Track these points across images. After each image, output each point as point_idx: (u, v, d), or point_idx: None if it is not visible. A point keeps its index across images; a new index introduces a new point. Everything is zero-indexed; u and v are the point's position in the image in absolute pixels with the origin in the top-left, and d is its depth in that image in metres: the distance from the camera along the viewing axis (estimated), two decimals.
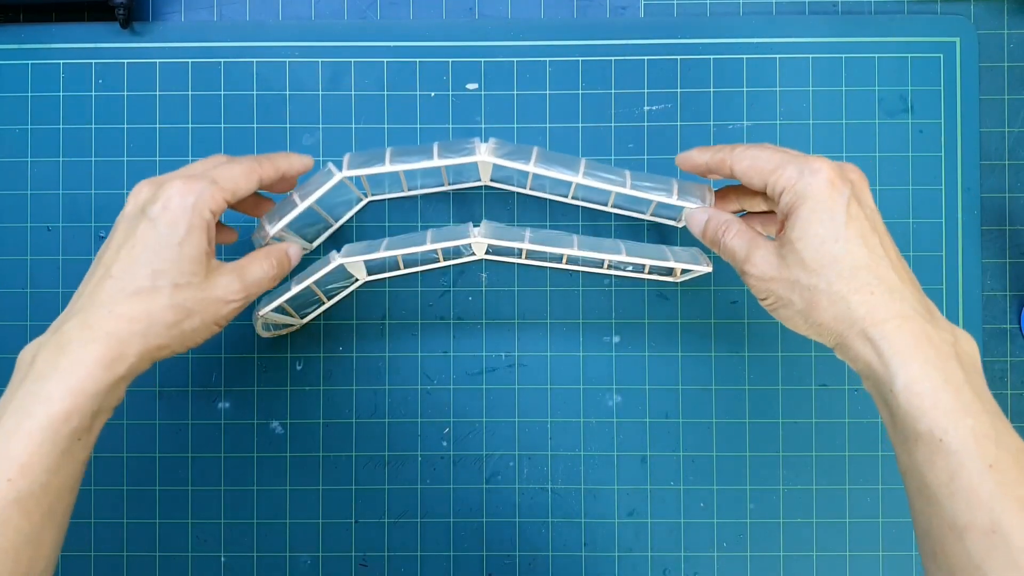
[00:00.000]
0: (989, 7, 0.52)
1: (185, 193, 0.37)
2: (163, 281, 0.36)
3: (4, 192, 0.51)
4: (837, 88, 0.51)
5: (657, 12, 0.52)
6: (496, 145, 0.43)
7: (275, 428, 0.51)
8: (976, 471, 0.31)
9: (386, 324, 0.51)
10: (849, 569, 0.51)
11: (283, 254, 0.42)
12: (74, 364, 0.34)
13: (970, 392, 0.32)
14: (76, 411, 0.33)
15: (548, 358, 0.51)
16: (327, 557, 0.51)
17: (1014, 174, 0.52)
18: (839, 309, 0.35)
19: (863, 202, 0.36)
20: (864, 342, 0.34)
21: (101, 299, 0.35)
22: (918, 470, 0.32)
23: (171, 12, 0.52)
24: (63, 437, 0.33)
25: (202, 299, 0.37)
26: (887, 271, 0.35)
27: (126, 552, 0.51)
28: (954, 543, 0.31)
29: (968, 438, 0.31)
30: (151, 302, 0.36)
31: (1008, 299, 0.52)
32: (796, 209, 0.36)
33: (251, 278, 0.40)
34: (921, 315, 0.34)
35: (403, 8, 0.52)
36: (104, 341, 0.34)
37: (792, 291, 0.36)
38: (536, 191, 0.51)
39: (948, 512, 0.31)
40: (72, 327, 0.35)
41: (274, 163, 0.42)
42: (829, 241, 0.35)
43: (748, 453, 0.51)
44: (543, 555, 0.51)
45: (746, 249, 0.39)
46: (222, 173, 0.39)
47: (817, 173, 0.36)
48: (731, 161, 0.39)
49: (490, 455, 0.51)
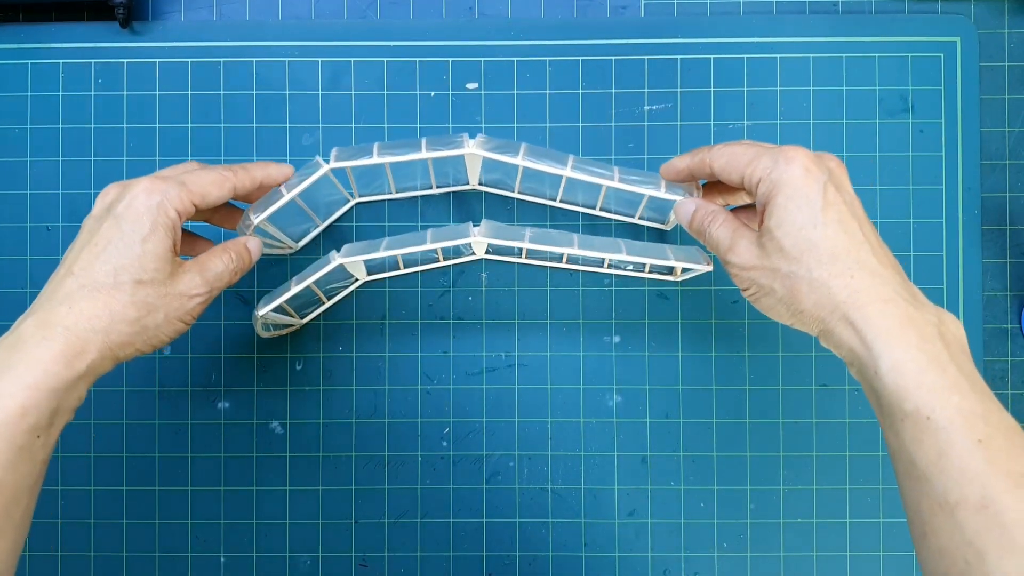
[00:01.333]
0: (989, 7, 0.52)
1: (151, 192, 0.37)
2: (125, 277, 0.36)
3: (4, 192, 0.51)
4: (837, 88, 0.51)
5: (657, 12, 0.52)
6: (484, 139, 0.43)
7: (275, 428, 0.51)
8: (965, 447, 0.31)
9: (386, 324, 0.51)
10: (849, 569, 0.51)
11: (242, 247, 0.42)
12: (30, 360, 0.33)
13: (956, 370, 0.32)
14: (33, 407, 0.33)
15: (548, 358, 0.51)
16: (327, 557, 0.51)
17: (1014, 174, 0.52)
18: (820, 295, 0.35)
19: (841, 188, 0.36)
20: (847, 327, 0.34)
21: (60, 296, 0.35)
22: (906, 450, 0.32)
23: (171, 12, 0.52)
24: (20, 433, 0.32)
25: (164, 295, 0.37)
26: (867, 255, 0.35)
27: (126, 552, 0.51)
28: (945, 520, 0.31)
29: (955, 415, 0.31)
30: (112, 299, 0.35)
31: (1008, 299, 0.52)
32: (773, 197, 0.36)
33: (212, 272, 0.40)
34: (903, 297, 0.34)
35: (403, 8, 0.52)
36: (63, 337, 0.34)
37: (773, 279, 0.36)
38: (525, 194, 0.51)
39: (938, 489, 0.31)
40: (29, 325, 0.34)
41: (250, 173, 0.42)
42: (807, 227, 0.35)
43: (748, 453, 0.51)
44: (543, 555, 0.51)
45: (730, 239, 0.39)
46: (192, 177, 0.39)
47: (792, 161, 0.36)
48: (710, 160, 0.39)
49: (490, 455, 0.51)
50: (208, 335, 0.51)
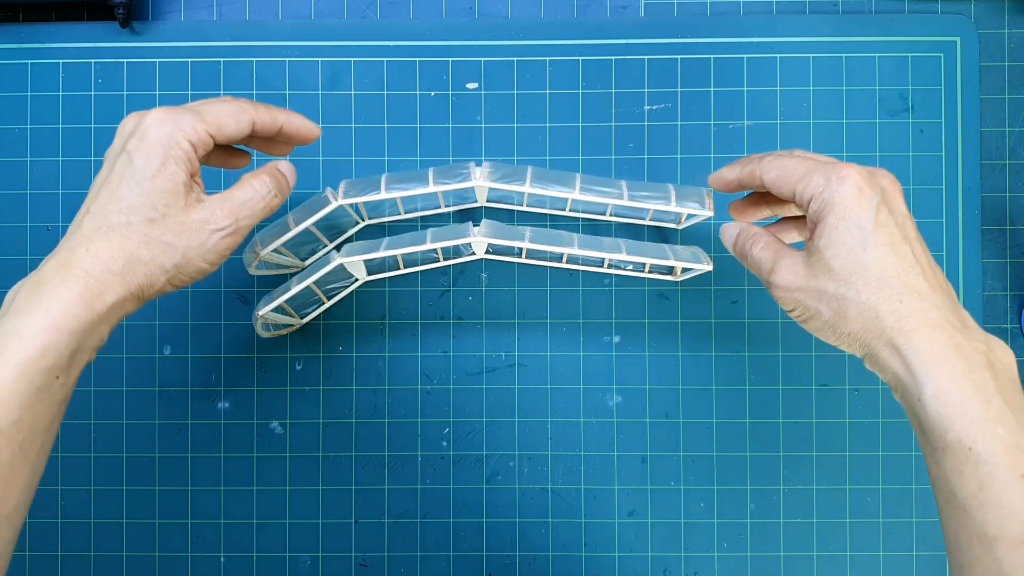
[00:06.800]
0: (990, 7, 0.52)
1: (163, 123, 0.35)
2: (136, 217, 0.35)
3: (4, 192, 0.51)
4: (838, 88, 0.51)
5: (657, 11, 0.52)
6: (491, 169, 0.43)
7: (275, 428, 0.51)
8: (1006, 481, 0.30)
9: (386, 324, 0.51)
10: (849, 569, 0.51)
11: (273, 170, 0.39)
12: (51, 301, 0.33)
13: (1001, 401, 0.32)
14: (52, 347, 0.33)
15: (548, 358, 0.51)
16: (327, 557, 0.51)
17: (1015, 174, 0.52)
18: (867, 319, 0.34)
19: (894, 209, 0.35)
20: (892, 352, 0.34)
21: (79, 237, 0.35)
22: (947, 480, 0.32)
23: (171, 12, 0.52)
24: (38, 373, 0.32)
25: (182, 231, 0.36)
26: (917, 279, 0.34)
27: (126, 552, 0.51)
28: (983, 554, 0.30)
29: (998, 448, 0.31)
30: (126, 239, 0.35)
31: (1008, 299, 0.52)
32: (824, 217, 0.35)
33: (236, 201, 0.37)
34: (952, 324, 0.33)
35: (403, 8, 0.52)
36: (82, 279, 0.34)
37: (820, 301, 0.36)
38: (534, 207, 0.51)
39: (977, 522, 0.31)
40: (51, 267, 0.34)
41: (273, 115, 0.39)
42: (857, 249, 0.34)
43: (748, 453, 0.51)
44: (543, 555, 0.51)
45: (772, 261, 0.38)
46: (208, 107, 0.37)
47: (844, 180, 0.35)
48: (760, 172, 0.38)
49: (490, 455, 0.51)
50: (208, 335, 0.51)
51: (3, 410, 0.32)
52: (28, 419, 0.32)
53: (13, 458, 0.32)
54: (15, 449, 0.32)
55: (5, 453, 0.32)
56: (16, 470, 0.33)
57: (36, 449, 0.34)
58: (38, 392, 0.33)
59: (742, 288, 0.51)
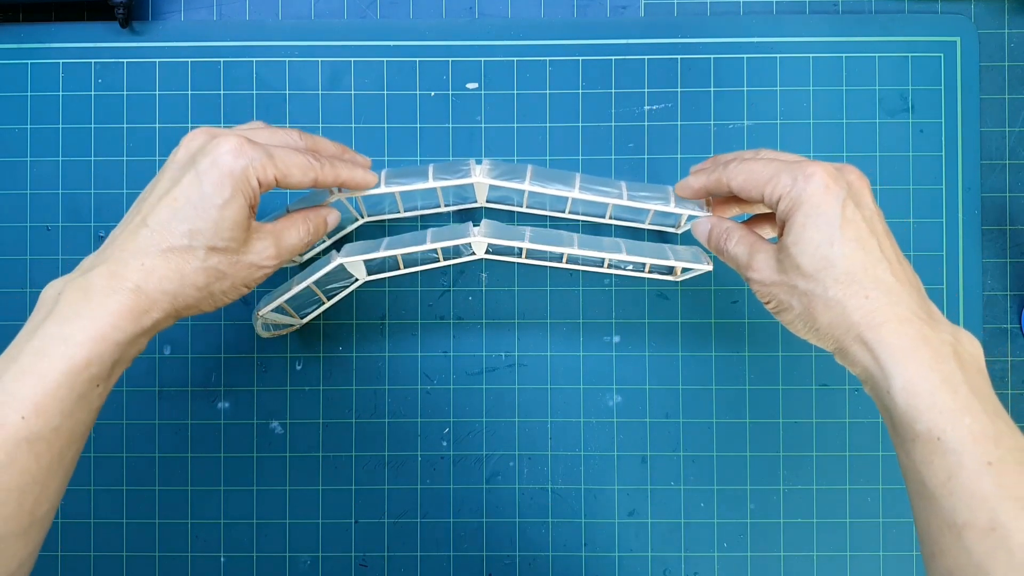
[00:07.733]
0: (990, 7, 0.52)
1: (238, 155, 0.35)
2: (199, 241, 0.35)
3: (4, 192, 0.51)
4: (837, 88, 0.51)
5: (657, 11, 0.52)
6: (491, 166, 0.43)
7: (275, 428, 0.51)
8: (974, 469, 0.31)
9: (386, 324, 0.51)
10: (849, 569, 0.51)
11: (322, 221, 0.41)
12: (99, 312, 0.33)
13: (968, 391, 0.32)
14: (97, 358, 0.33)
15: (548, 358, 0.51)
16: (327, 557, 0.51)
17: (1015, 174, 0.52)
18: (835, 314, 0.35)
19: (861, 203, 0.36)
20: (861, 346, 0.34)
21: (133, 250, 0.35)
22: (917, 470, 0.32)
23: (171, 11, 0.52)
24: (81, 382, 0.33)
25: (235, 263, 0.37)
26: (884, 274, 0.35)
27: (126, 552, 0.51)
28: (953, 542, 0.31)
29: (966, 437, 0.31)
30: (184, 263, 0.35)
31: (1008, 299, 0.52)
32: (792, 215, 0.36)
33: (286, 243, 0.39)
34: (919, 317, 0.34)
35: (403, 7, 0.52)
36: (132, 293, 0.34)
37: (791, 296, 0.36)
38: (534, 208, 0.51)
39: (947, 511, 0.31)
40: (100, 274, 0.34)
41: (336, 171, 0.40)
42: (824, 245, 0.35)
43: (748, 453, 0.51)
44: (543, 555, 0.51)
45: (748, 255, 0.38)
46: (281, 154, 0.37)
47: (811, 178, 0.35)
48: (727, 179, 0.39)
49: (490, 455, 0.51)
50: (208, 335, 0.51)
51: (46, 416, 0.32)
52: (68, 426, 0.33)
53: (51, 463, 0.33)
54: (54, 455, 0.33)
55: (44, 459, 0.32)
56: (53, 475, 0.33)
57: (72, 454, 0.34)
58: (79, 400, 0.33)
59: (742, 288, 0.51)
